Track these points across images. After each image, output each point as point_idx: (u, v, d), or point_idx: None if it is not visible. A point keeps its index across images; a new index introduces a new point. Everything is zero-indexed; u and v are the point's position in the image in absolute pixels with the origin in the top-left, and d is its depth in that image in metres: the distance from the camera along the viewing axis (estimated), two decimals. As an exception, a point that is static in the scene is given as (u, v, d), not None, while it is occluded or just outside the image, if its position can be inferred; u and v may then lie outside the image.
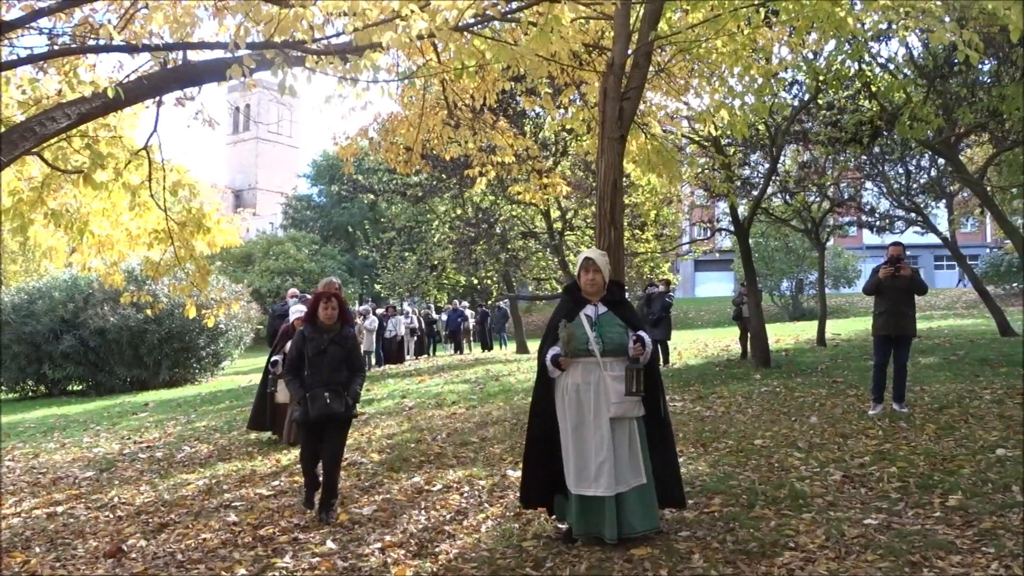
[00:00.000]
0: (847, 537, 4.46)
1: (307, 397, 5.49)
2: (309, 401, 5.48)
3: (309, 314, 5.73)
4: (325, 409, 5.47)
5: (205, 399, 14.80)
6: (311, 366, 5.54)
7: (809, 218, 16.55)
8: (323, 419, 5.51)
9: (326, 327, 5.63)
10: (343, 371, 5.62)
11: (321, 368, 5.53)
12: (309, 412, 5.47)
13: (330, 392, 5.50)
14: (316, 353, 5.55)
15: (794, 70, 11.00)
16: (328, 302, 5.65)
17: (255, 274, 38.32)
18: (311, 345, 5.57)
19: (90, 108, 4.39)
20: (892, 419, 7.63)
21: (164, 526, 5.85)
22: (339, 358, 5.61)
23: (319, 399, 5.47)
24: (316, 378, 5.52)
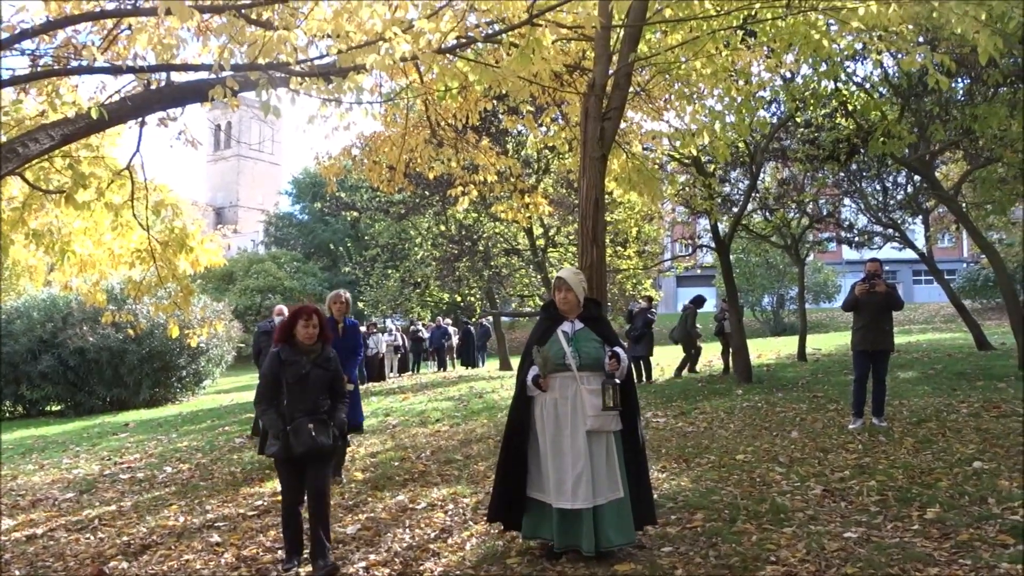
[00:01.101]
0: (827, 551, 4.51)
1: (288, 431, 4.80)
2: (292, 435, 4.78)
3: (285, 334, 5.00)
4: (311, 443, 4.79)
5: (186, 419, 14.68)
6: (290, 394, 4.86)
7: (789, 234, 16.74)
8: (309, 455, 4.84)
9: (306, 348, 4.95)
10: (326, 398, 5.00)
11: (303, 396, 4.87)
12: (292, 447, 4.77)
13: (315, 423, 4.83)
14: (296, 379, 4.87)
15: (772, 89, 11.15)
16: (309, 319, 4.95)
17: (236, 292, 38.13)
18: (290, 370, 4.88)
19: (73, 129, 4.41)
20: (872, 433, 7.71)
21: (146, 547, 5.81)
22: (322, 383, 4.97)
23: (303, 432, 4.79)
24: (297, 407, 4.85)
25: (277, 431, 4.86)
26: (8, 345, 18.31)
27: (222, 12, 4.52)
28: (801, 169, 15.22)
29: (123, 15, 4.87)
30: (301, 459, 4.86)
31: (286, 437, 4.81)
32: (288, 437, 4.80)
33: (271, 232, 51.68)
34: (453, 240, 20.03)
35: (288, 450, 4.80)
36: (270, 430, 4.95)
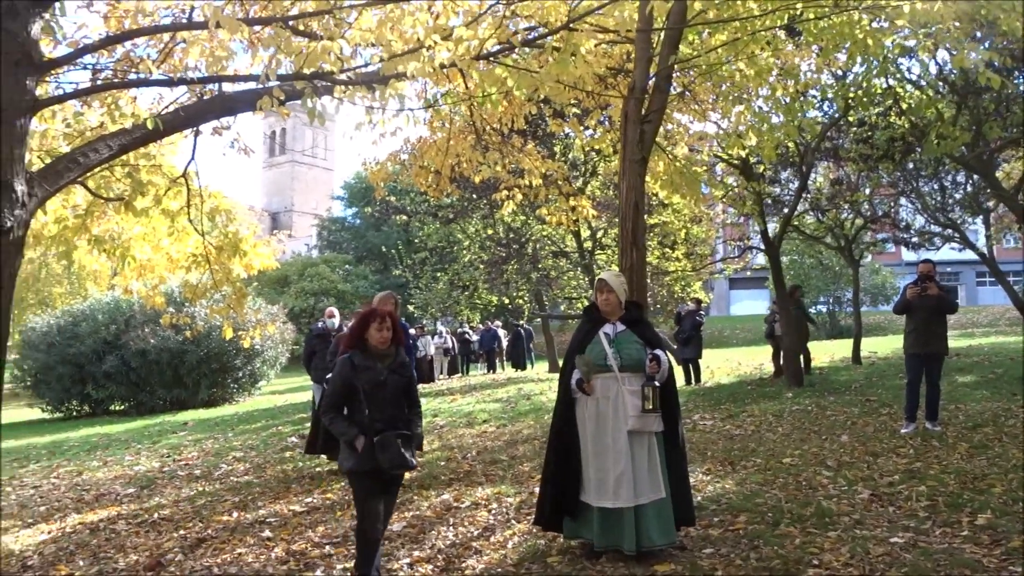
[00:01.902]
0: (872, 555, 4.47)
1: (376, 443, 4.31)
2: (378, 449, 4.30)
3: (357, 338, 4.59)
4: (400, 461, 4.34)
5: (241, 418, 15.05)
6: (370, 403, 4.42)
7: (842, 235, 16.44)
8: (395, 472, 4.45)
9: (380, 353, 4.54)
10: (404, 407, 4.62)
11: (383, 405, 4.44)
12: (382, 463, 4.30)
13: (402, 438, 4.39)
14: (374, 386, 4.45)
15: (821, 88, 11.00)
16: (383, 322, 4.56)
17: (290, 295, 38.85)
18: (365, 377, 4.45)
19: (131, 139, 4.60)
20: (924, 438, 7.57)
21: (201, 541, 6.01)
22: (400, 390, 4.59)
23: (392, 447, 4.32)
24: (377, 418, 4.40)
25: (350, 440, 4.38)
26: (75, 346, 19.01)
27: (269, 24, 4.68)
28: (854, 169, 14.95)
29: (177, 29, 5.07)
30: (381, 476, 4.41)
31: (371, 450, 4.32)
32: (374, 450, 4.31)
33: (324, 236, 52.55)
34: (501, 243, 20.15)
35: (371, 464, 4.33)
36: (344, 440, 4.45)
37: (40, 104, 4.16)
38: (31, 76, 4.01)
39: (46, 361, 19.20)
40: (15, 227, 3.90)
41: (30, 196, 4.00)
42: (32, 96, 4.03)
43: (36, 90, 4.21)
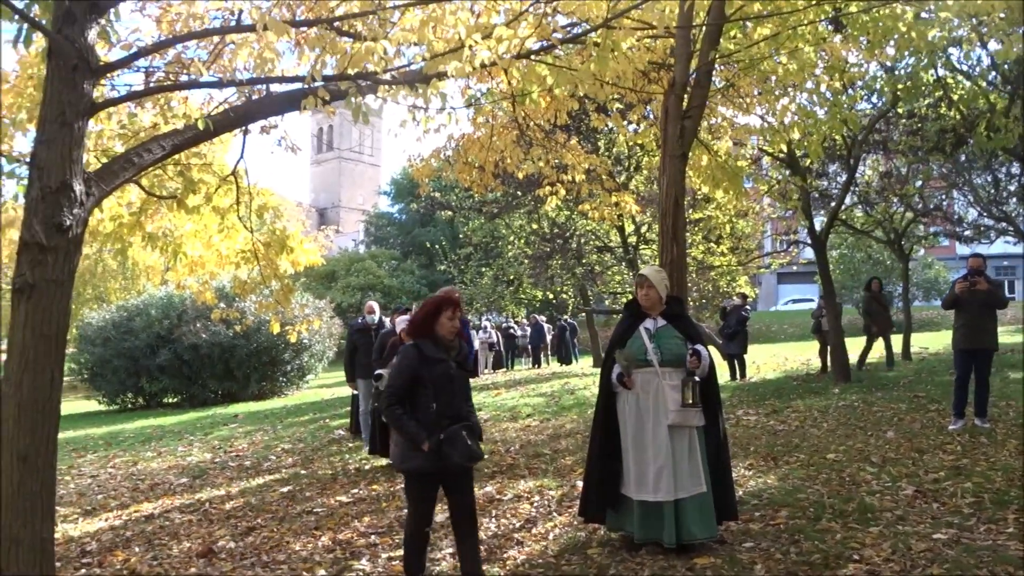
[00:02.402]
0: (914, 551, 4.44)
1: (443, 440, 4.06)
2: (447, 445, 4.05)
3: (427, 326, 4.29)
4: (468, 453, 4.10)
5: (290, 411, 15.36)
6: (439, 396, 4.17)
7: (892, 229, 16.15)
8: (462, 467, 4.24)
9: (447, 344, 4.29)
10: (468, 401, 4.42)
11: (451, 399, 4.22)
12: (452, 458, 4.06)
13: (467, 430, 4.15)
14: (444, 379, 4.21)
15: (869, 80, 10.82)
16: (455, 311, 4.32)
17: (338, 290, 39.37)
18: (436, 368, 4.19)
19: (183, 139, 4.74)
20: (972, 434, 7.44)
21: (251, 529, 6.20)
22: (466, 384, 4.40)
23: (459, 441, 4.07)
24: (446, 413, 4.16)
25: (421, 440, 4.07)
26: (129, 341, 19.55)
27: (315, 25, 4.79)
28: (904, 161, 14.68)
29: (227, 32, 5.21)
30: (450, 473, 4.21)
31: (439, 447, 4.06)
32: (442, 447, 4.06)
33: (371, 232, 53.11)
34: (545, 238, 20.18)
35: (438, 464, 4.10)
36: (411, 439, 4.12)
37: (97, 107, 4.33)
38: (88, 80, 4.17)
39: (102, 355, 19.79)
40: (74, 225, 4.06)
41: (88, 195, 4.16)
42: (89, 99, 4.19)
43: (92, 93, 4.38)
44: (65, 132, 4.05)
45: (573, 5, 5.57)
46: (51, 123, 4.05)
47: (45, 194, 3.96)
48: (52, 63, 4.12)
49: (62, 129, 4.04)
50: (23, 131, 6.00)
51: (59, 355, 4.07)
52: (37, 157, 4.03)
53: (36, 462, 3.90)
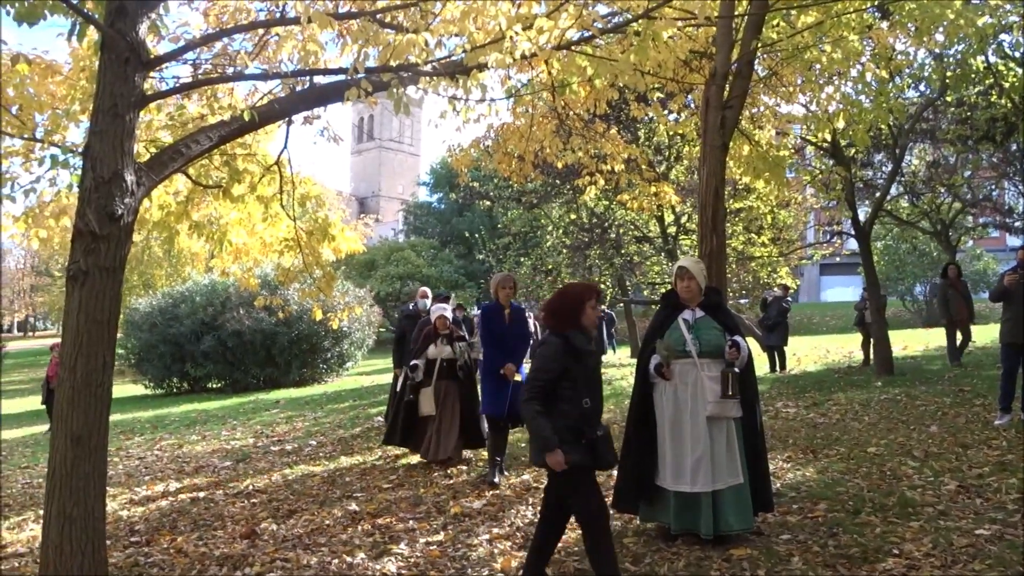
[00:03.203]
0: (955, 546, 4.39)
1: (599, 438, 3.90)
2: (602, 444, 3.90)
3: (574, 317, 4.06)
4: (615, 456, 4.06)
5: (330, 398, 15.59)
6: (591, 391, 4.00)
7: (938, 220, 15.85)
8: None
9: (589, 335, 4.14)
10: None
11: (596, 392, 4.07)
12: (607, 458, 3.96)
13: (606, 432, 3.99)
14: (593, 373, 4.09)
15: (917, 67, 10.62)
16: (597, 300, 4.18)
17: (377, 279, 39.71)
18: (587, 362, 4.03)
19: (229, 131, 4.85)
20: (1019, 430, 7.30)
21: (292, 512, 6.33)
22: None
23: (610, 442, 4.00)
24: (598, 408, 4.03)
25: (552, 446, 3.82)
26: (175, 327, 19.99)
27: (358, 17, 4.85)
28: (952, 150, 14.37)
29: (272, 24, 5.31)
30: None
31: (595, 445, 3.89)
32: (597, 445, 3.90)
33: (410, 221, 53.41)
34: (584, 228, 20.15)
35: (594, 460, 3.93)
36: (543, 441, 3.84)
37: (147, 99, 4.45)
38: (139, 73, 4.28)
39: (148, 340, 20.27)
40: (125, 214, 4.18)
41: (139, 185, 4.28)
42: (140, 91, 4.30)
43: (143, 85, 4.49)
44: (117, 123, 4.17)
45: (613, -5, 5.57)
46: (104, 114, 4.17)
47: (98, 184, 4.08)
48: (105, 56, 4.23)
49: (114, 120, 4.16)
50: (76, 122, 6.17)
51: (111, 340, 4.20)
52: (90, 148, 4.15)
53: (89, 443, 4.04)
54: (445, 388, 7.60)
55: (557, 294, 4.34)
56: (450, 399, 7.58)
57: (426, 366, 7.63)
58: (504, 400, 6.75)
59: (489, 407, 6.89)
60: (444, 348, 7.63)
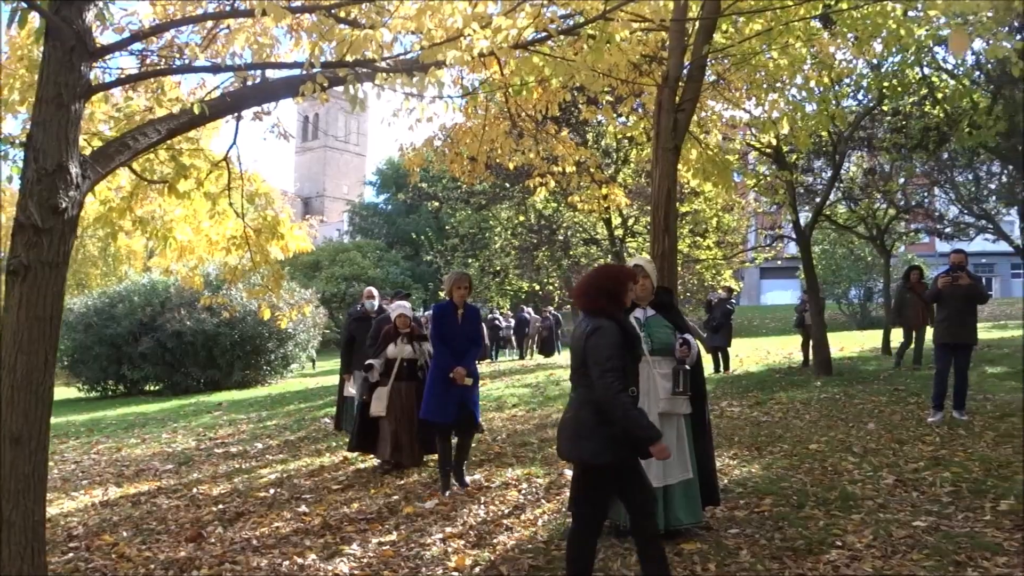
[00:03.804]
0: (894, 537, 4.55)
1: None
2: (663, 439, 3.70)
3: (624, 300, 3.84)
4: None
5: (275, 400, 15.35)
6: (636, 381, 3.88)
7: (874, 225, 16.34)
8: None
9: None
10: None
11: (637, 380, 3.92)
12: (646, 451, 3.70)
13: None
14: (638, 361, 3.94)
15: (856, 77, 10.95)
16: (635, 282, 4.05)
17: (321, 280, 39.28)
18: (637, 347, 3.88)
19: (178, 124, 4.74)
20: (951, 426, 7.59)
21: (240, 515, 6.22)
22: None
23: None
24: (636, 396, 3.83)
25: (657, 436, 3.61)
26: (111, 328, 19.46)
27: (313, 11, 4.81)
28: (888, 158, 14.84)
29: (225, 16, 5.21)
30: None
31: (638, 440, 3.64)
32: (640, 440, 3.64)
33: (355, 222, 53.00)
34: (533, 229, 20.24)
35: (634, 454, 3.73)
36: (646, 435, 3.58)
37: (93, 89, 4.33)
38: (85, 62, 4.17)
39: (83, 341, 19.68)
40: (69, 207, 4.06)
41: (83, 178, 4.16)
42: (87, 81, 4.19)
43: (89, 75, 4.37)
44: (61, 114, 4.05)
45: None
46: (47, 104, 4.04)
47: (41, 176, 3.96)
48: (49, 44, 4.11)
49: (58, 111, 4.04)
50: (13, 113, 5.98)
51: (53, 338, 4.07)
52: (33, 139, 4.02)
53: (29, 444, 3.92)
54: (404, 390, 7.26)
55: (600, 275, 3.94)
56: (408, 401, 7.23)
57: (385, 366, 7.31)
58: (453, 406, 6.33)
59: (435, 413, 6.36)
60: (404, 347, 7.31)
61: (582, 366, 3.73)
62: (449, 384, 6.33)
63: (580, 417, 3.74)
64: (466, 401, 6.42)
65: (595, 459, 3.68)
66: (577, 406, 3.79)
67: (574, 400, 3.87)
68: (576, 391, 3.88)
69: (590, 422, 3.68)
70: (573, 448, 3.77)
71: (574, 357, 3.85)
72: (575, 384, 3.90)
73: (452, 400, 6.35)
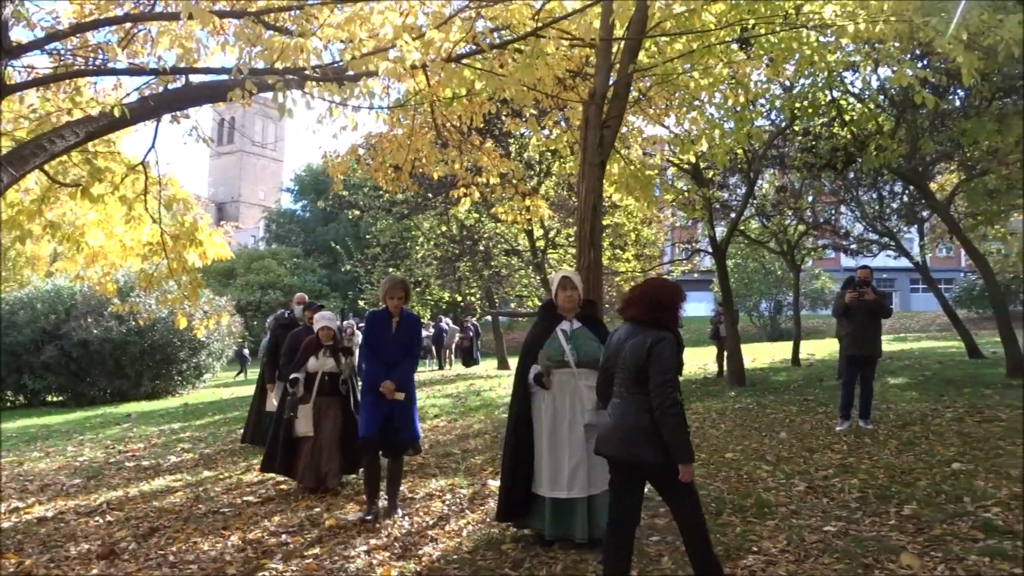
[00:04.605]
0: (807, 542, 4.74)
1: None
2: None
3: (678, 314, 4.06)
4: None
5: (188, 411, 14.90)
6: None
7: (785, 240, 16.97)
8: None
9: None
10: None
11: None
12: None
13: None
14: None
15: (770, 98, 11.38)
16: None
17: (236, 288, 38.33)
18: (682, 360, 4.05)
19: (97, 127, 4.62)
20: (858, 435, 7.94)
21: (155, 530, 6.02)
22: None
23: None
24: None
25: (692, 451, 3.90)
26: (11, 335, 18.53)
27: (240, 16, 4.74)
28: (799, 176, 15.44)
29: (147, 19, 5.09)
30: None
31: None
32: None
33: (272, 229, 51.93)
34: (455, 240, 20.24)
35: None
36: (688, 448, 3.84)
37: (9, 89, 4.17)
38: (1, 61, 4.02)
39: (-20, 350, 18.70)
40: (-20, 211, 3.91)
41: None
42: (1, 81, 4.03)
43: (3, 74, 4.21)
44: (-27, 113, 3.90)
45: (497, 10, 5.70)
46: (-42, 103, 3.88)
47: (-49, 177, 3.80)
48: (-39, 41, 3.95)
49: (-30, 110, 3.88)
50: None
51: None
52: (-58, 138, 3.86)
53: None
54: (326, 405, 6.78)
55: (657, 288, 4.12)
56: (330, 418, 6.78)
57: (306, 380, 6.78)
58: (379, 421, 5.79)
59: (360, 426, 5.99)
60: (327, 361, 6.76)
61: (639, 372, 3.88)
62: (377, 397, 5.80)
63: (639, 421, 3.88)
64: (395, 418, 5.82)
65: (652, 459, 3.85)
66: (634, 410, 3.90)
67: (627, 404, 3.95)
68: (624, 396, 3.98)
69: (647, 426, 3.85)
70: (629, 450, 3.91)
71: (623, 365, 3.97)
72: (623, 389, 3.99)
73: (379, 415, 5.80)
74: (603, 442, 4.04)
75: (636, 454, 3.89)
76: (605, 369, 4.16)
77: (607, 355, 4.16)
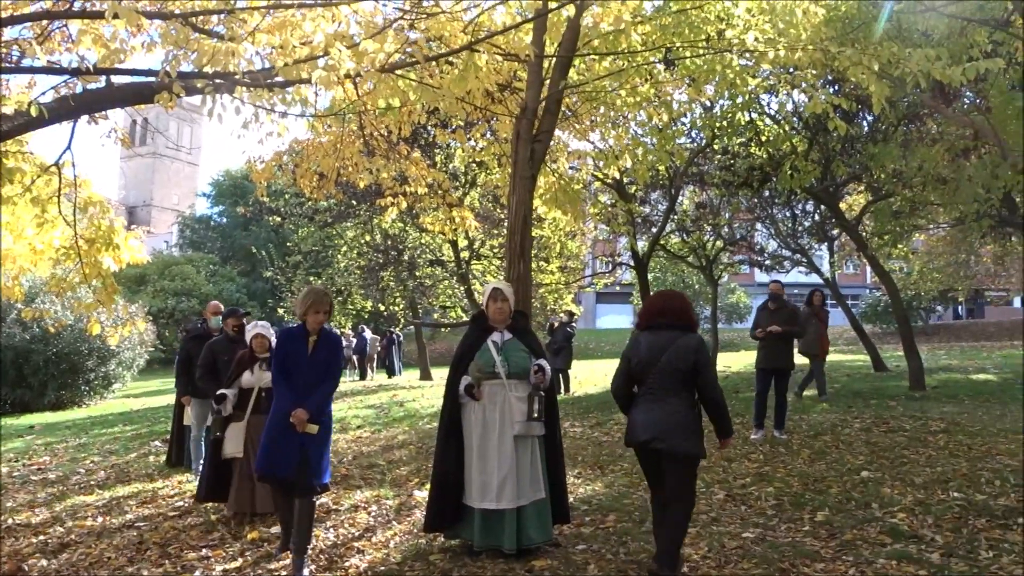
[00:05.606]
0: (727, 548, 4.89)
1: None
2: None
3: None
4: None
5: (96, 422, 14.33)
6: None
7: (704, 255, 17.46)
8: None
9: None
10: None
11: None
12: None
13: None
14: None
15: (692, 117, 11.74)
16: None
17: (148, 294, 37.06)
18: None
19: (12, 126, 4.45)
20: (772, 444, 8.22)
21: (65, 546, 5.79)
22: None
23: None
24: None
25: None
26: (-98, 342, 17.48)
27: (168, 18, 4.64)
28: (717, 194, 15.94)
29: (71, 16, 4.92)
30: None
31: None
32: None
33: (187, 234, 50.46)
34: (379, 249, 20.07)
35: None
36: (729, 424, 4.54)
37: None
38: (-91, 54, 3.84)
39: None
40: None
41: (-98, 179, 3.82)
42: (-90, 75, 3.85)
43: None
44: None
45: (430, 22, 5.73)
46: None
47: None
48: None
49: None
50: None
51: None
52: None
53: None
54: (261, 424, 5.46)
55: (682, 297, 4.79)
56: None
57: (241, 396, 6.14)
58: (291, 456, 4.80)
59: (265, 464, 4.88)
60: (264, 375, 5.98)
61: (688, 371, 4.36)
62: (287, 428, 4.78)
63: (687, 417, 4.36)
64: (307, 452, 4.83)
65: (696, 451, 4.39)
66: (684, 407, 4.37)
67: (673, 402, 4.38)
68: (665, 394, 4.39)
69: (693, 420, 4.38)
70: (684, 443, 4.33)
71: (667, 367, 4.37)
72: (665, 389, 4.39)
73: (289, 449, 4.80)
74: (662, 437, 4.34)
75: (685, 448, 4.34)
76: (627, 374, 4.57)
77: (637, 360, 4.49)
